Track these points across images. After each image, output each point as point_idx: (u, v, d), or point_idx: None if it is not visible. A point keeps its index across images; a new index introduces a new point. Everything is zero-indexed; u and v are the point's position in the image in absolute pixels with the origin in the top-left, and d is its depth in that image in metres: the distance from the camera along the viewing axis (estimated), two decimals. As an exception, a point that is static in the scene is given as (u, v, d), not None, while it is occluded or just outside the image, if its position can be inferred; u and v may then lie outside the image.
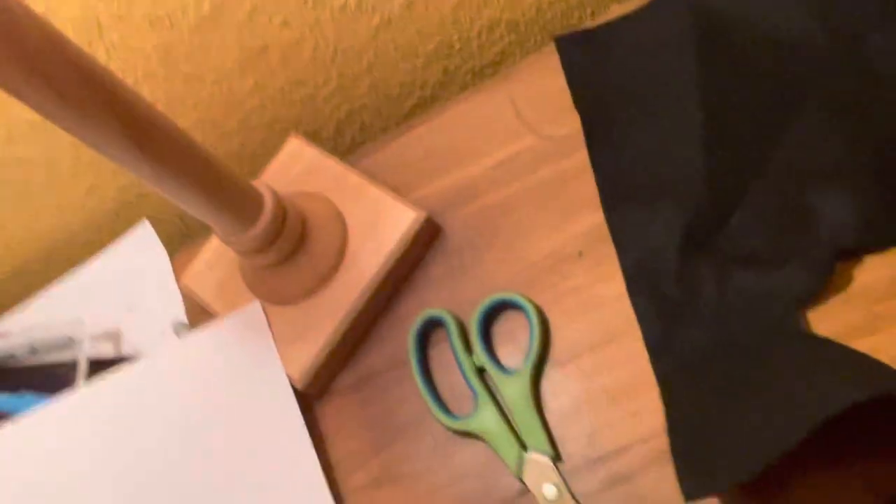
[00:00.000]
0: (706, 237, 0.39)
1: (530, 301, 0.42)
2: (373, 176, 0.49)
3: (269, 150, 0.57)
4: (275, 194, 0.42)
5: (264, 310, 0.46)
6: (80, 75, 0.30)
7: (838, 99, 0.40)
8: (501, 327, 0.43)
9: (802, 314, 0.37)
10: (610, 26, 0.47)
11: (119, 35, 0.47)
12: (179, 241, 0.58)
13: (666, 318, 0.39)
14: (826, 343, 0.35)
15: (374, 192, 0.47)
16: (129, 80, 0.49)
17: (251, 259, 0.44)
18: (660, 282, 0.39)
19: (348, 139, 0.59)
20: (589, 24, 0.48)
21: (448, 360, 0.43)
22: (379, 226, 0.45)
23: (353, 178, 0.48)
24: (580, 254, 0.43)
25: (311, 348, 0.44)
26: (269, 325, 0.45)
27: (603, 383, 0.39)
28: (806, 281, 0.37)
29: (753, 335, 0.37)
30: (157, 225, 0.55)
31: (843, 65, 0.40)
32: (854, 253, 0.37)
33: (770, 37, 0.42)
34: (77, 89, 0.30)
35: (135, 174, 0.35)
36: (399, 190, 0.49)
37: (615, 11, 0.48)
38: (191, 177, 0.37)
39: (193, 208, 0.38)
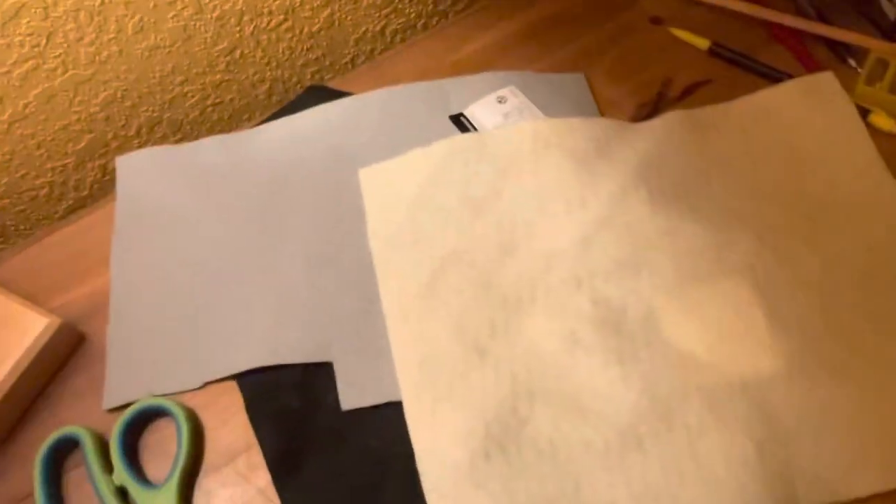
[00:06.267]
0: None
1: (181, 406, 0.39)
2: (7, 282, 0.43)
3: None
4: None
5: None
6: None
7: None
8: (150, 438, 0.39)
9: None
10: None
11: None
12: None
13: (287, 429, 0.38)
14: None
15: (-2, 299, 0.41)
16: None
17: None
18: (280, 393, 0.39)
19: (-18, 243, 0.52)
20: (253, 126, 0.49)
21: (88, 485, 0.38)
22: (2, 337, 0.39)
23: (-28, 284, 0.41)
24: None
25: None
26: None
27: (259, 486, 0.37)
28: None
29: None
30: None
31: None
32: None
33: None
34: None
35: None
36: (39, 296, 0.44)
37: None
38: None
39: None
